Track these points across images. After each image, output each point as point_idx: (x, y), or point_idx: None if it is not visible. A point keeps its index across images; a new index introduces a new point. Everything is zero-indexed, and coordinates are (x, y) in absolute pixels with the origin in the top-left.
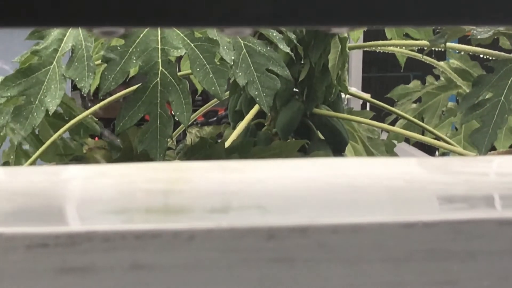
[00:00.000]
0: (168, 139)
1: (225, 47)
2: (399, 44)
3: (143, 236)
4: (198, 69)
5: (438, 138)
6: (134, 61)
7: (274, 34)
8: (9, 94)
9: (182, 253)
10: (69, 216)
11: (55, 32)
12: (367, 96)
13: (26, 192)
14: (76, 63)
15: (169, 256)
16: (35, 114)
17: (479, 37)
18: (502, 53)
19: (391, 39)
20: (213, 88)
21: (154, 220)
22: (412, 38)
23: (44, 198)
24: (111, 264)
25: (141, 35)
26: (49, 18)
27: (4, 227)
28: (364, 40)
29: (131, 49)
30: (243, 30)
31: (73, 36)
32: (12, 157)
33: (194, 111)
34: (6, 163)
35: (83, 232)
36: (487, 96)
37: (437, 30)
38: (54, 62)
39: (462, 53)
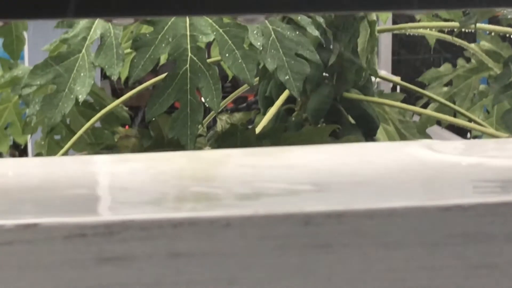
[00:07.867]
0: (199, 126)
1: (254, 32)
2: (428, 26)
3: (179, 225)
4: (227, 55)
5: (470, 120)
6: (163, 48)
7: (302, 18)
8: (38, 82)
9: (218, 241)
10: (106, 205)
11: (83, 21)
12: (397, 79)
13: (62, 182)
14: (105, 51)
15: (205, 244)
16: (65, 102)
17: (509, 17)
18: None
19: (419, 21)
20: (242, 73)
21: (190, 208)
22: (442, 19)
23: (80, 188)
24: (148, 253)
25: (170, 22)
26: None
27: (42, 218)
28: (393, 23)
29: (160, 36)
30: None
31: (101, 24)
32: (44, 147)
33: (224, 97)
34: (39, 154)
35: (120, 221)
36: None
37: (467, 11)
38: (83, 50)
39: (493, 34)
